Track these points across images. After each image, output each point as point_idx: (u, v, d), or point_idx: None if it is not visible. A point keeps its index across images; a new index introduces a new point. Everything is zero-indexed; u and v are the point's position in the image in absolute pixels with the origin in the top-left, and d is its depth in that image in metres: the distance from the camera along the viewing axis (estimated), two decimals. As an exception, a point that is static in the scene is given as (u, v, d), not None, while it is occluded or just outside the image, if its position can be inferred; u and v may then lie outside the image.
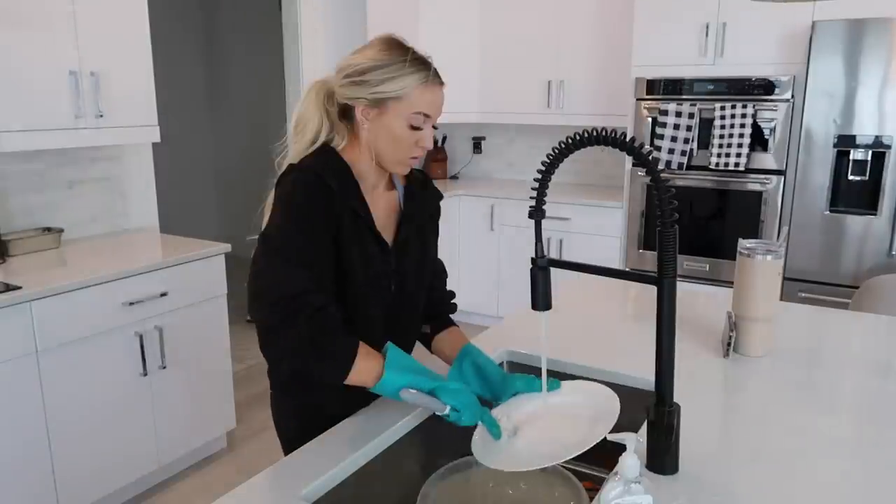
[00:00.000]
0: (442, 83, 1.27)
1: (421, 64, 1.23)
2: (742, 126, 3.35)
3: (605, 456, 1.22)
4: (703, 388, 1.41)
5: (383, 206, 1.35)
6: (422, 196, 1.41)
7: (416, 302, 1.42)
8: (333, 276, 1.23)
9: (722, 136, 3.40)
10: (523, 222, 4.15)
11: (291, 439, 1.35)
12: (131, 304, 2.43)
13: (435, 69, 1.25)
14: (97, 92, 2.54)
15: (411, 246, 1.37)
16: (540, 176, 1.09)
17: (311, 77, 4.10)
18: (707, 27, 3.46)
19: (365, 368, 1.13)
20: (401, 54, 1.22)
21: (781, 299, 1.70)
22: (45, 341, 2.19)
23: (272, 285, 1.12)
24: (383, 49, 1.23)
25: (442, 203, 1.48)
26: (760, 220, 3.43)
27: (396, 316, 1.36)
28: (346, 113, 1.28)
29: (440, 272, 1.53)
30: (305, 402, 1.36)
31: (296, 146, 1.29)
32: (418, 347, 1.47)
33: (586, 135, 1.04)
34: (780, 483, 1.06)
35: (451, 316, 1.51)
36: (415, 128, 1.24)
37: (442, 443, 1.39)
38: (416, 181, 1.42)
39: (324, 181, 1.19)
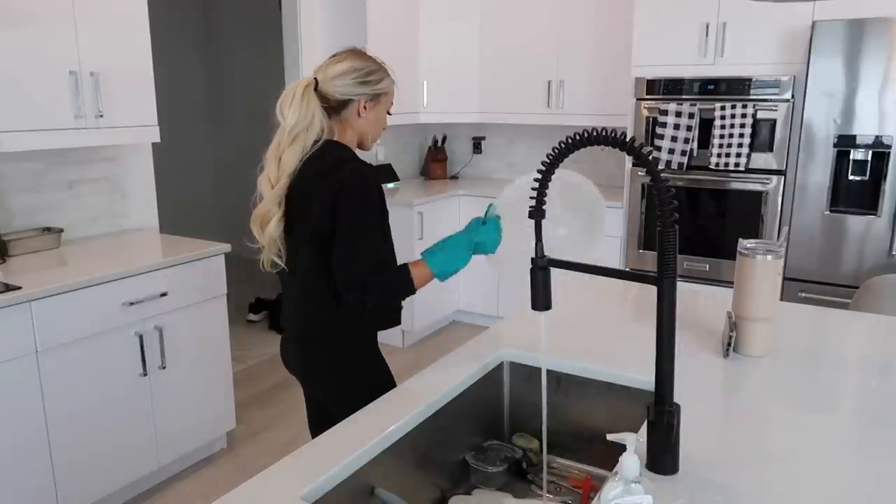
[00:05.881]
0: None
1: (389, 69, 1.63)
2: (742, 126, 3.35)
3: (605, 456, 1.22)
4: (703, 388, 1.41)
5: None
6: None
7: None
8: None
9: (722, 136, 3.40)
10: (523, 222, 4.15)
11: (358, 395, 1.47)
12: (131, 304, 2.43)
13: None
14: (97, 92, 2.54)
15: None
16: (540, 176, 1.09)
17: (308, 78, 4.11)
18: (707, 27, 3.46)
19: (420, 274, 1.49)
20: (378, 61, 1.60)
21: (781, 299, 1.70)
22: (45, 341, 2.19)
23: (361, 253, 1.47)
24: (366, 57, 1.58)
25: (442, 203, 1.73)
26: (760, 220, 3.43)
27: None
28: (332, 109, 1.56)
29: None
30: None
31: (294, 147, 1.50)
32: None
33: (586, 135, 1.04)
34: (780, 483, 1.06)
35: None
36: (389, 114, 1.66)
37: (442, 443, 1.39)
38: None
39: (368, 164, 1.53)
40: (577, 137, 1.05)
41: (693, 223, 3.61)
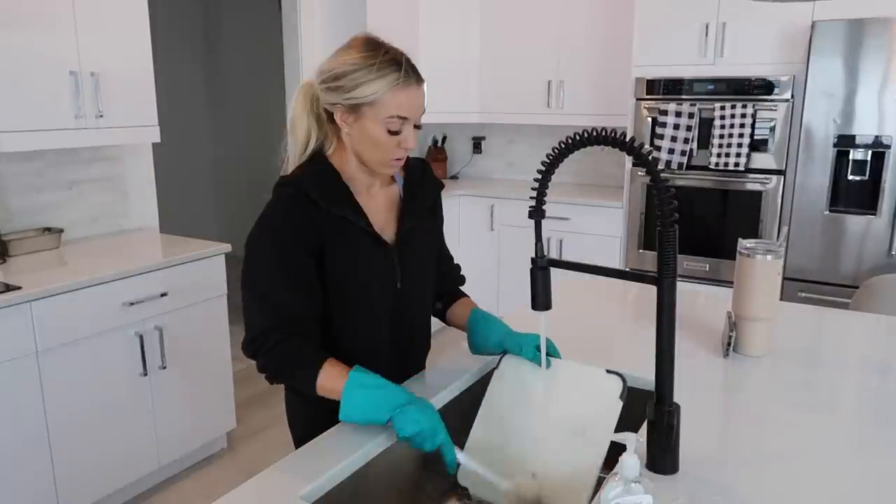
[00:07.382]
0: (419, 81, 1.21)
1: (391, 65, 1.17)
2: (742, 126, 3.35)
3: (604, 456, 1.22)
4: (703, 388, 1.41)
5: (383, 203, 1.35)
6: (420, 187, 1.41)
7: (422, 295, 1.43)
8: (317, 291, 1.26)
9: (722, 136, 3.40)
10: (523, 222, 4.15)
11: (302, 437, 1.35)
12: (131, 304, 2.43)
13: (408, 68, 1.19)
14: (97, 92, 2.54)
15: (416, 239, 1.38)
16: (540, 176, 1.09)
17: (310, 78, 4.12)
18: (707, 27, 3.46)
19: (332, 373, 1.19)
20: (371, 57, 1.17)
21: (781, 299, 1.70)
22: (45, 341, 2.19)
23: (246, 325, 1.24)
24: (357, 51, 1.19)
25: (443, 203, 1.51)
26: (760, 220, 3.43)
27: (403, 310, 1.38)
28: (332, 116, 1.25)
29: (447, 257, 1.57)
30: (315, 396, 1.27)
31: (291, 149, 1.31)
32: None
33: (586, 135, 1.04)
34: (779, 483, 1.06)
35: (461, 288, 1.58)
36: (393, 132, 1.20)
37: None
38: (415, 171, 1.42)
39: (305, 195, 1.21)
40: (577, 137, 1.05)
41: (693, 223, 3.61)
